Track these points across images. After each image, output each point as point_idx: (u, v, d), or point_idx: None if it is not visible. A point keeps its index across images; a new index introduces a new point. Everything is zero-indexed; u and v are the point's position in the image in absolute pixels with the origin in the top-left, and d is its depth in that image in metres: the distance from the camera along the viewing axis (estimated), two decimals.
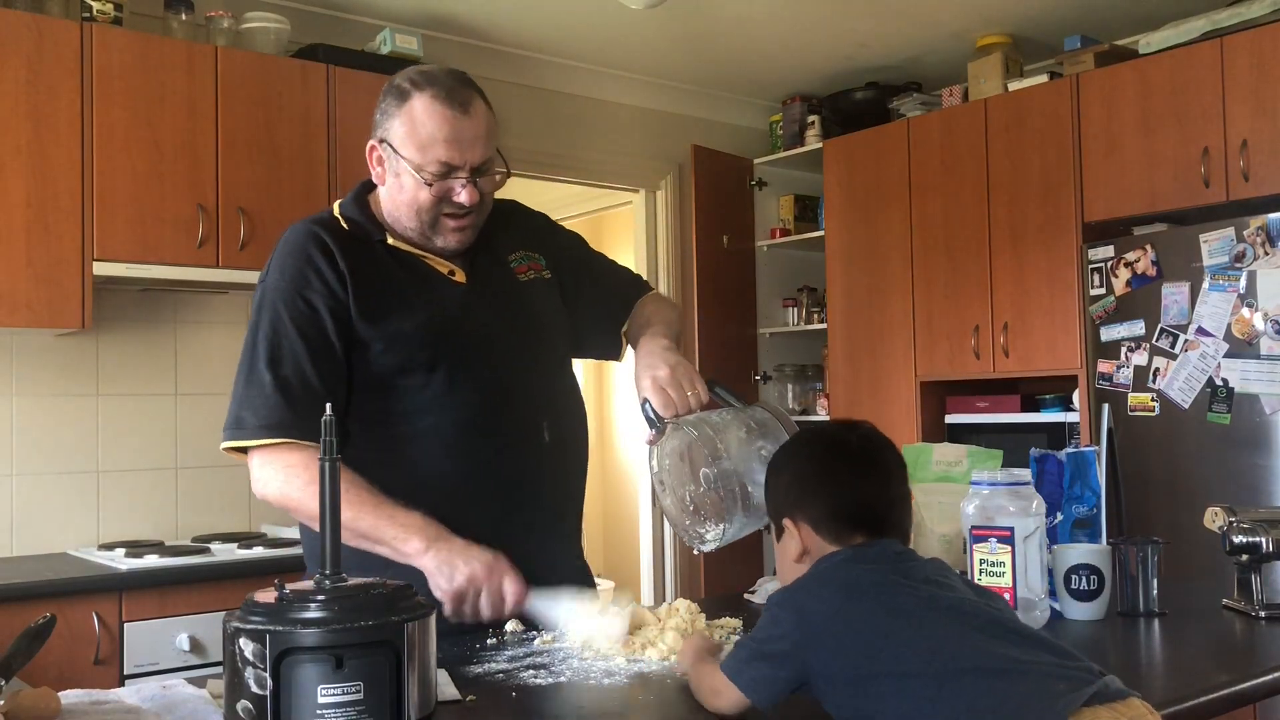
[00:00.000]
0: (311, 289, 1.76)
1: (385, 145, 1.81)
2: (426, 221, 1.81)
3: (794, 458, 1.41)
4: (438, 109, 1.76)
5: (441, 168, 1.77)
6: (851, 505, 1.32)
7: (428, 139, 1.76)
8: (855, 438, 1.37)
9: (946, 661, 1.14)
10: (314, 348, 1.74)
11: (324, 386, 1.73)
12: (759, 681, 1.22)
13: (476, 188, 1.79)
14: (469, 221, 1.83)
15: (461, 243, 1.85)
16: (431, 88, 1.77)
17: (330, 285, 1.77)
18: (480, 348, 1.83)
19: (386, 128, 1.80)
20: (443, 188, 1.78)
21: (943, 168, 4.37)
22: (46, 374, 3.40)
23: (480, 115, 1.79)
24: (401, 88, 1.79)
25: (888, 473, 1.35)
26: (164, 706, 1.36)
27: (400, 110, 1.78)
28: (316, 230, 1.82)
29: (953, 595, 1.22)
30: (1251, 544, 1.87)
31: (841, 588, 1.23)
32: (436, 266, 1.86)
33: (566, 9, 4.02)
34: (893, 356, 4.52)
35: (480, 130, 1.79)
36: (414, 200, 1.79)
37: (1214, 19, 3.68)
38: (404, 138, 1.77)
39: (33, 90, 3.07)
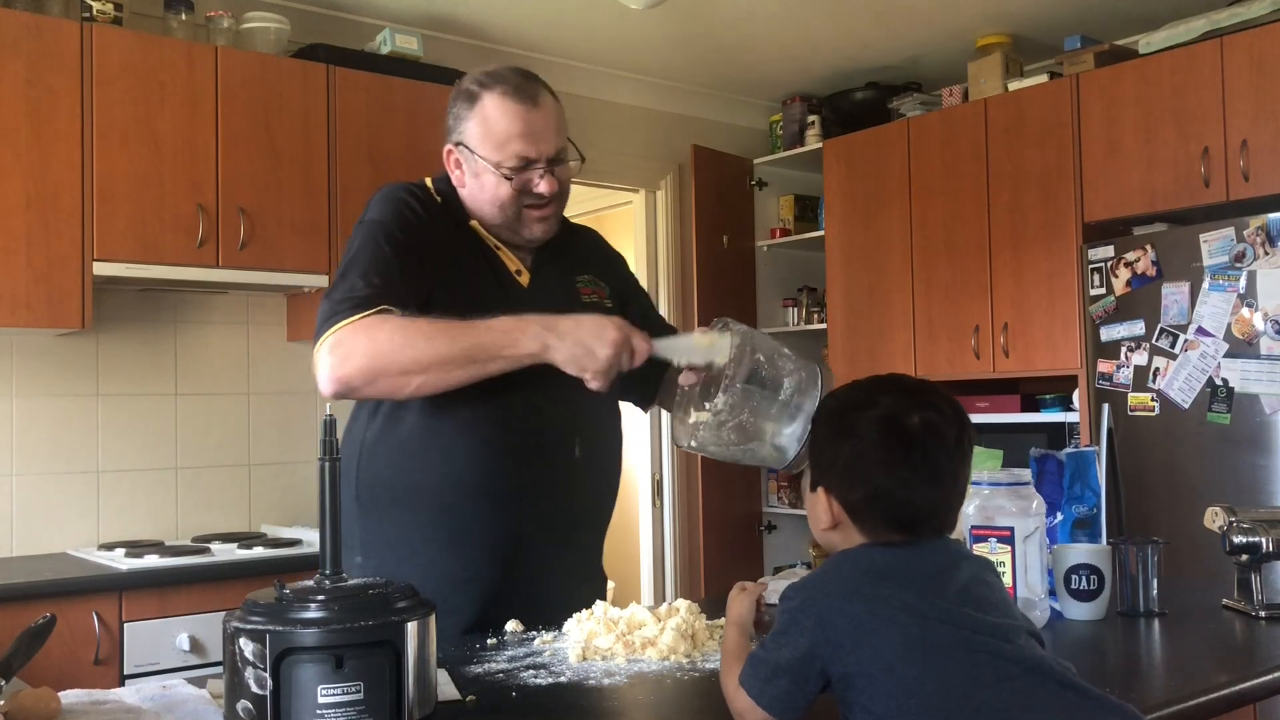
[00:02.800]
0: (408, 228, 1.81)
1: (462, 148, 1.86)
2: (510, 215, 1.86)
3: (844, 425, 1.26)
4: (509, 105, 1.82)
5: (519, 161, 1.82)
6: (891, 503, 1.23)
7: (503, 135, 1.81)
8: (917, 420, 1.23)
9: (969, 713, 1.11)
10: (405, 265, 1.76)
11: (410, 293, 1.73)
12: (783, 699, 1.18)
13: (555, 176, 1.85)
14: (551, 210, 1.88)
15: (546, 232, 1.90)
16: (500, 85, 1.83)
17: (423, 232, 1.81)
18: None
19: (461, 131, 1.86)
20: (522, 180, 1.83)
21: (943, 168, 4.37)
22: (46, 374, 3.40)
23: (549, 106, 1.86)
24: (470, 90, 1.86)
25: (944, 468, 1.23)
26: (164, 706, 1.37)
27: (472, 112, 1.84)
28: (414, 190, 1.88)
29: (988, 640, 1.15)
30: (1251, 544, 1.87)
31: (867, 600, 1.16)
32: (507, 262, 1.90)
33: (566, 9, 4.02)
34: (893, 356, 4.52)
35: (551, 121, 1.85)
36: (495, 196, 1.85)
37: (1214, 19, 3.68)
38: (480, 137, 1.83)
39: (33, 90, 3.07)
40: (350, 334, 1.66)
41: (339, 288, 1.73)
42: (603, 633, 1.63)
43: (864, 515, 1.25)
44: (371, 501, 1.85)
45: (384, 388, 1.69)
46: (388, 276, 1.73)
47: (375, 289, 1.70)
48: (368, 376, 1.67)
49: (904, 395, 1.26)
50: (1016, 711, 1.12)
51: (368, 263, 1.74)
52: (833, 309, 4.79)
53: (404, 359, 1.65)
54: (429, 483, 1.79)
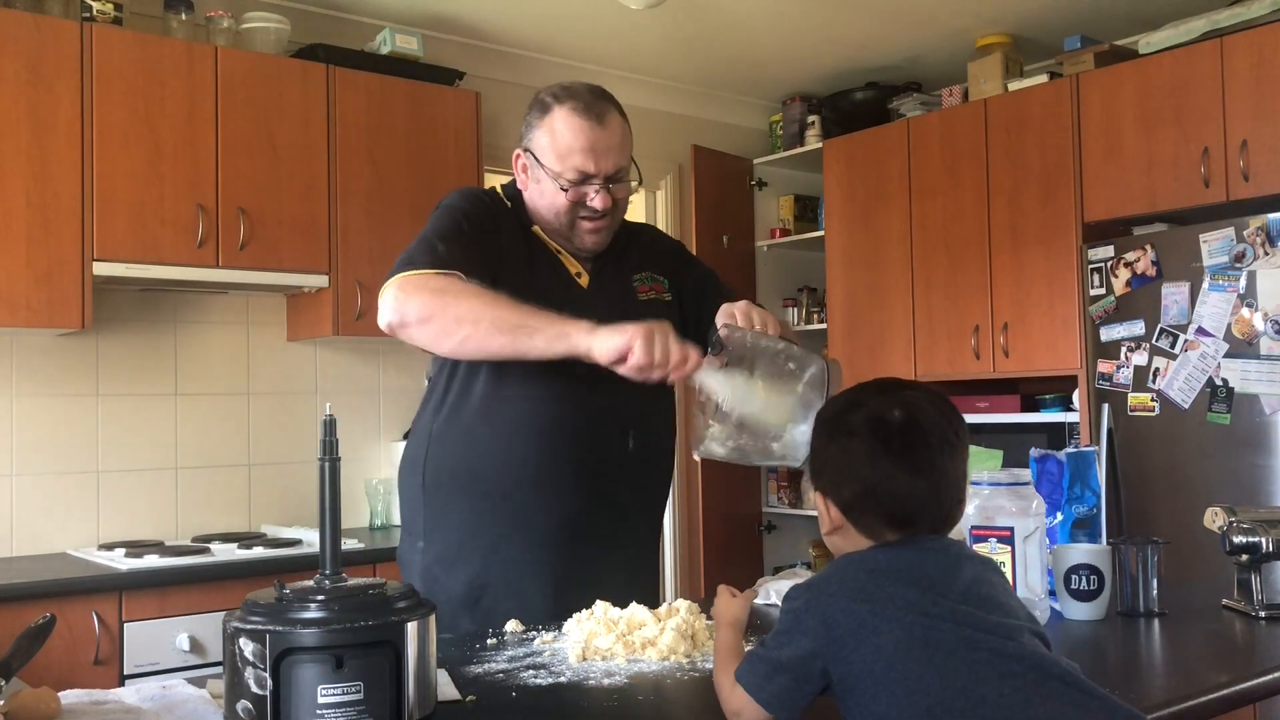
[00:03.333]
0: (481, 215, 1.94)
1: (529, 154, 1.97)
2: (565, 223, 1.96)
3: (831, 429, 1.29)
4: (576, 121, 1.92)
5: (578, 174, 1.92)
6: (882, 500, 1.23)
7: (566, 149, 1.91)
8: (899, 415, 1.24)
9: (975, 715, 1.11)
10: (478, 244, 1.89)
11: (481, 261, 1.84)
12: (780, 696, 1.18)
13: (609, 194, 1.94)
14: (603, 224, 1.97)
15: (596, 244, 1.99)
16: (571, 101, 1.93)
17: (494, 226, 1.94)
18: None
19: (530, 138, 1.97)
20: (578, 193, 1.93)
21: (943, 168, 4.37)
22: (46, 374, 3.40)
23: (615, 127, 1.96)
24: (544, 101, 1.96)
25: (930, 461, 1.23)
26: (164, 706, 1.37)
27: (542, 122, 1.95)
28: (486, 193, 2.02)
29: (990, 638, 1.15)
30: (1251, 544, 1.87)
31: (871, 599, 1.16)
32: (567, 264, 2.00)
33: (566, 9, 4.02)
34: (893, 356, 4.52)
35: (614, 141, 1.95)
36: (553, 204, 1.95)
37: (1214, 19, 3.68)
38: (545, 147, 1.94)
39: (33, 90, 3.07)
40: (420, 280, 1.80)
41: (414, 248, 1.86)
42: (603, 633, 1.63)
43: (858, 513, 1.26)
44: (437, 488, 1.96)
45: (432, 331, 1.78)
46: (463, 244, 1.86)
47: (449, 253, 1.83)
48: (423, 314, 1.77)
49: (889, 394, 1.28)
50: (1019, 708, 1.12)
51: (444, 231, 1.88)
52: (833, 309, 4.79)
53: (461, 308, 1.75)
54: (490, 471, 1.90)
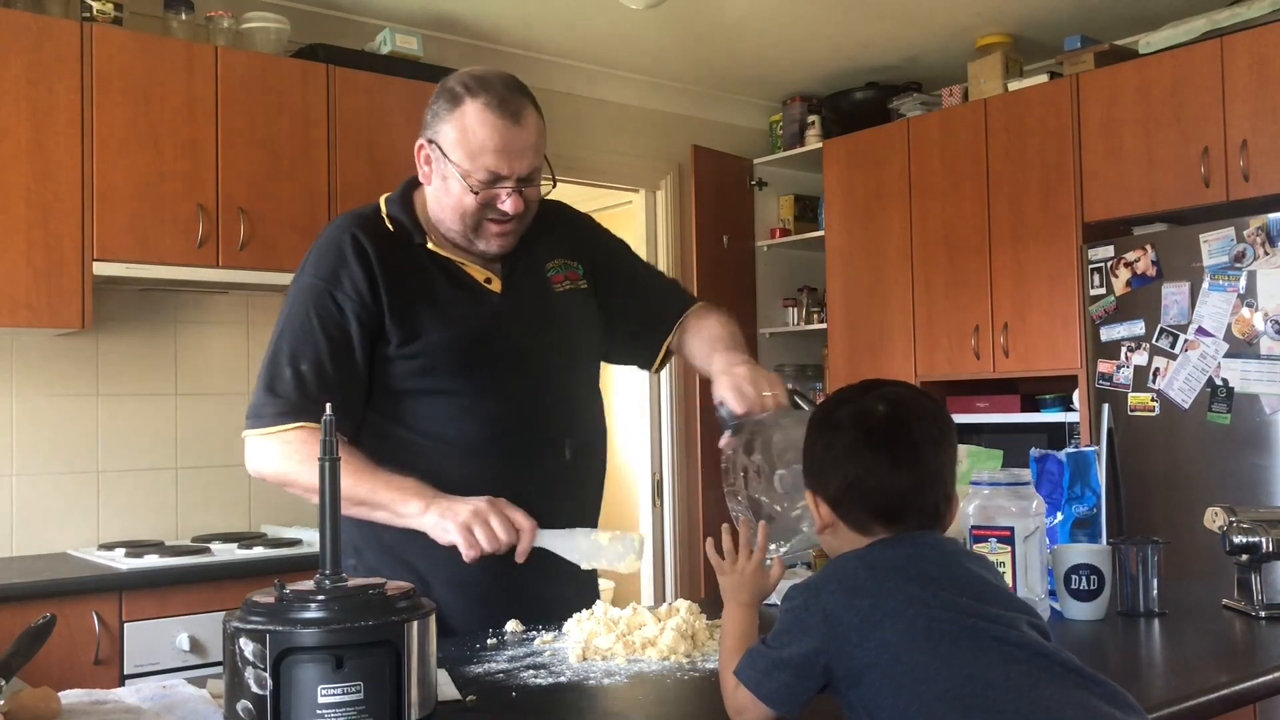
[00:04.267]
0: (342, 291, 1.79)
1: (434, 147, 1.82)
2: (470, 225, 1.83)
3: (819, 425, 1.31)
4: (489, 118, 1.77)
5: (489, 175, 1.78)
6: (867, 492, 1.24)
7: (478, 147, 1.77)
8: (883, 408, 1.26)
9: (983, 698, 1.11)
10: (335, 348, 1.78)
11: (340, 383, 1.77)
12: (782, 691, 1.18)
13: (522, 197, 1.81)
14: (512, 227, 1.84)
15: (503, 248, 1.87)
16: (485, 94, 1.78)
17: (360, 290, 1.79)
18: (509, 362, 1.85)
19: (437, 129, 1.82)
20: (488, 195, 1.80)
21: (943, 168, 4.37)
22: (46, 374, 3.40)
23: (531, 125, 1.81)
24: (455, 91, 1.80)
25: (913, 453, 1.24)
26: (164, 706, 1.37)
27: (452, 114, 1.79)
28: (355, 232, 1.84)
29: (992, 626, 1.16)
30: (1251, 544, 1.87)
31: (872, 595, 1.17)
32: (474, 274, 1.88)
33: (566, 9, 4.02)
34: (893, 356, 4.52)
35: (530, 140, 1.80)
36: (459, 204, 1.81)
37: (1214, 19, 3.68)
38: (454, 143, 1.79)
39: (33, 90, 3.07)
40: (267, 444, 1.77)
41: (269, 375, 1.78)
42: (603, 633, 1.63)
43: (845, 508, 1.26)
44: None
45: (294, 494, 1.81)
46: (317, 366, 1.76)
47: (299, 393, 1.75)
48: (279, 482, 1.80)
49: (875, 392, 1.30)
50: (1026, 690, 1.12)
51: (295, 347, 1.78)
52: (833, 309, 4.78)
53: (306, 481, 1.73)
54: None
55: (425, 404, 1.82)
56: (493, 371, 1.83)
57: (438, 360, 1.80)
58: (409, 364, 1.80)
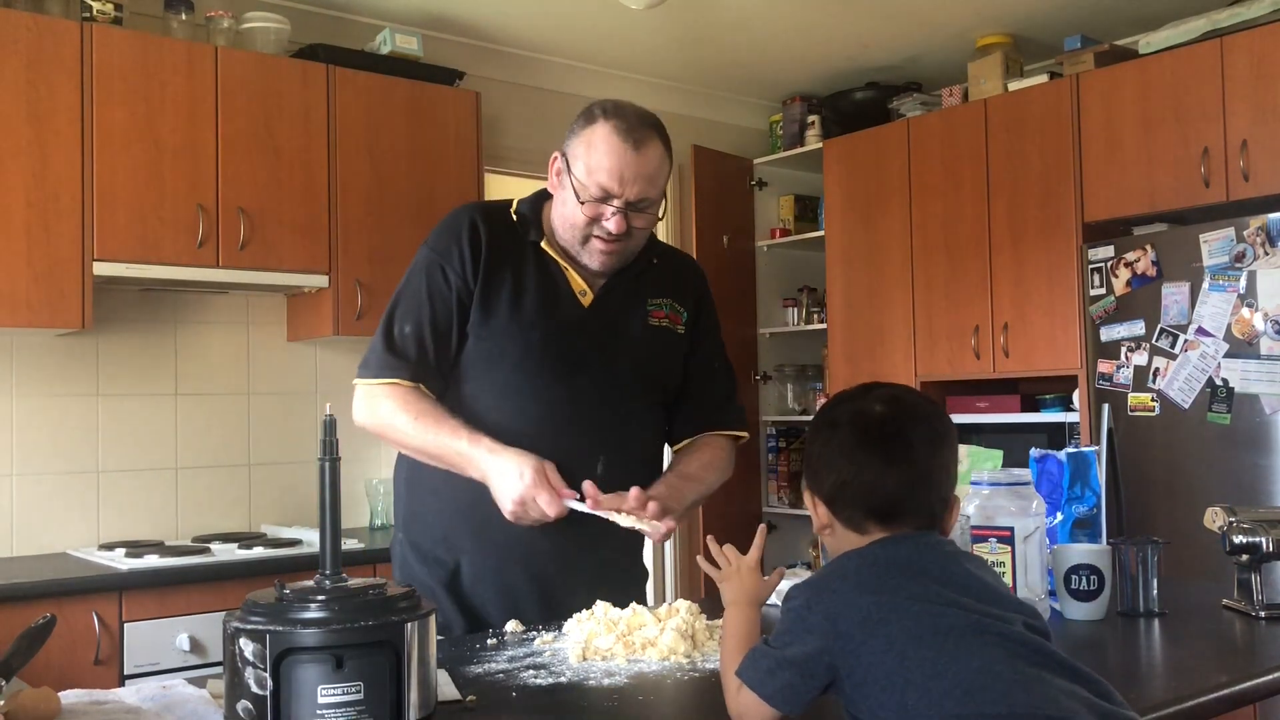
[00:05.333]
0: (450, 265, 1.95)
1: (564, 159, 1.96)
2: (578, 237, 1.94)
3: (816, 425, 1.32)
4: (614, 140, 1.89)
5: (600, 191, 1.89)
6: (860, 490, 1.24)
7: (595, 164, 1.89)
8: (879, 409, 1.27)
9: (993, 690, 1.11)
10: (436, 314, 1.94)
11: (435, 346, 1.93)
12: (786, 691, 1.18)
13: (626, 219, 1.90)
14: (616, 248, 1.94)
15: (604, 266, 1.96)
16: (615, 119, 1.91)
17: (466, 266, 1.94)
18: (567, 368, 1.93)
19: (569, 144, 1.95)
20: (595, 210, 1.90)
21: (943, 168, 4.37)
22: (46, 374, 3.40)
23: (652, 157, 1.91)
24: (592, 113, 1.95)
25: (908, 453, 1.25)
26: (164, 706, 1.37)
27: (584, 131, 1.93)
28: (475, 216, 2.00)
29: (995, 623, 1.16)
30: (1251, 544, 1.87)
31: (874, 593, 1.17)
32: (572, 282, 1.98)
33: (566, 9, 4.02)
34: (893, 356, 4.52)
35: (647, 170, 1.90)
36: (571, 214, 1.93)
37: (1214, 19, 3.68)
38: (578, 157, 1.92)
39: (33, 90, 3.07)
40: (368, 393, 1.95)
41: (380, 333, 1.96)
42: (603, 633, 1.63)
43: (840, 507, 1.27)
44: (415, 486, 2.01)
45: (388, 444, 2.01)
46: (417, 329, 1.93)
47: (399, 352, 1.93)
48: (375, 433, 1.98)
49: (871, 393, 1.31)
50: (1034, 682, 1.12)
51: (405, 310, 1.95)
52: (833, 309, 4.78)
53: (396, 435, 1.94)
54: (460, 480, 1.89)
55: (482, 386, 1.93)
56: (547, 370, 1.92)
57: (504, 347, 1.92)
58: (479, 345, 1.93)
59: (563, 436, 1.90)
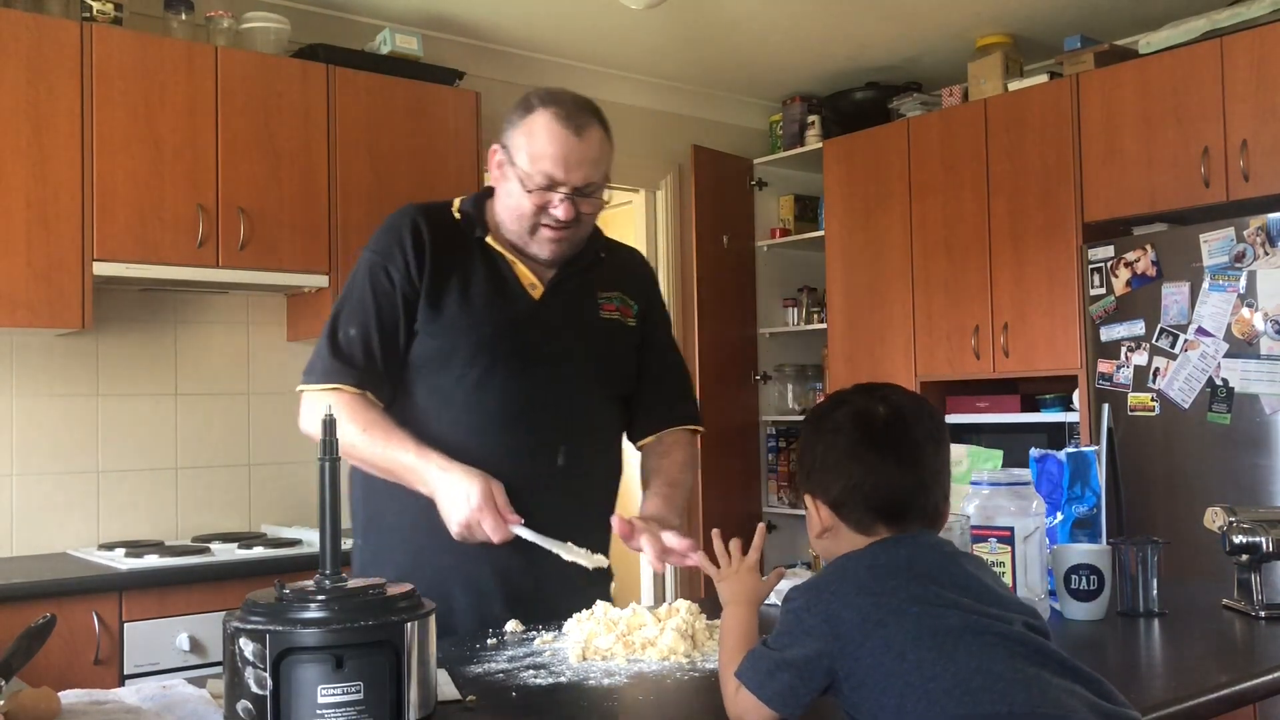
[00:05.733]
0: (394, 265, 1.92)
1: (504, 150, 1.94)
2: (526, 228, 1.92)
3: (816, 428, 1.31)
4: (555, 127, 1.89)
5: (545, 180, 1.88)
6: (870, 492, 1.25)
7: (538, 152, 1.88)
8: (883, 409, 1.27)
9: (992, 690, 1.11)
10: (381, 315, 1.91)
11: (382, 349, 1.90)
12: (785, 693, 1.18)
13: (574, 205, 1.90)
14: (565, 235, 1.93)
15: (554, 254, 1.95)
16: (554, 106, 1.91)
17: (410, 265, 1.92)
18: (520, 363, 1.92)
19: (509, 135, 1.94)
20: (542, 198, 1.89)
21: (943, 168, 4.37)
22: (46, 374, 3.40)
23: (593, 141, 1.92)
24: (529, 102, 1.94)
25: (916, 453, 1.26)
26: (164, 706, 1.37)
27: (522, 122, 1.92)
28: (417, 216, 1.97)
29: (993, 624, 1.16)
30: (1251, 544, 1.87)
31: (873, 595, 1.17)
32: (521, 275, 1.97)
33: (566, 9, 4.02)
34: (893, 356, 4.52)
35: (590, 154, 1.91)
36: (517, 206, 1.92)
37: (1214, 19, 3.68)
38: (520, 147, 1.91)
39: (33, 90, 3.07)
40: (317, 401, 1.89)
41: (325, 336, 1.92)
42: (603, 633, 1.63)
43: (848, 510, 1.26)
44: (372, 491, 1.96)
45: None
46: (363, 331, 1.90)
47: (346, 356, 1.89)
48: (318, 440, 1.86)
49: (868, 393, 1.31)
50: (1034, 681, 1.13)
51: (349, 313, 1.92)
52: (833, 309, 4.78)
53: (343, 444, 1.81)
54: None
55: (437, 383, 1.91)
56: (501, 364, 1.90)
57: (453, 340, 1.90)
58: (430, 342, 1.90)
59: (521, 429, 1.90)
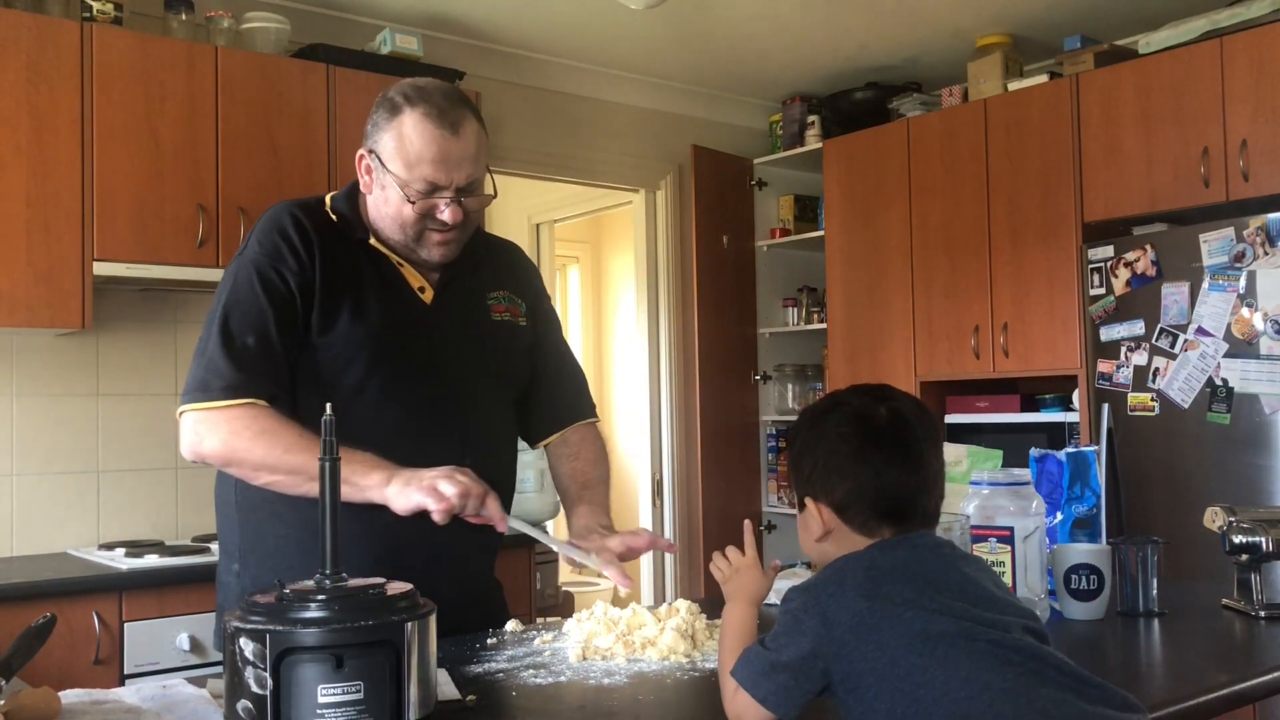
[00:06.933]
0: (285, 265, 1.78)
1: (374, 156, 1.82)
2: (410, 235, 1.82)
3: (817, 431, 1.31)
4: (427, 128, 1.76)
5: (427, 186, 1.77)
6: (876, 494, 1.25)
7: (415, 157, 1.76)
8: (885, 411, 1.28)
9: (980, 701, 1.11)
10: (280, 316, 1.76)
11: (285, 354, 1.75)
12: (780, 693, 1.18)
13: (461, 207, 1.80)
14: (453, 236, 1.83)
15: (444, 256, 1.85)
16: (423, 105, 1.77)
17: (303, 264, 1.78)
18: (420, 370, 1.83)
19: (376, 139, 1.81)
20: (426, 205, 1.78)
21: (943, 168, 4.37)
22: (46, 374, 3.40)
23: (470, 135, 1.79)
24: (394, 101, 1.80)
25: (919, 454, 1.27)
26: (164, 706, 1.37)
27: (390, 124, 1.79)
28: (298, 213, 1.84)
29: (988, 631, 1.16)
30: (1251, 544, 1.87)
31: (869, 598, 1.17)
32: (409, 279, 1.86)
33: (566, 9, 4.02)
34: (893, 356, 4.52)
35: (469, 151, 1.79)
36: (398, 214, 1.80)
37: (1214, 19, 3.68)
38: (392, 153, 1.78)
39: (33, 90, 3.07)
40: (213, 417, 1.72)
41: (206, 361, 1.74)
42: (603, 633, 1.63)
43: (852, 512, 1.27)
44: (250, 511, 1.86)
45: (237, 474, 1.78)
46: (262, 338, 1.73)
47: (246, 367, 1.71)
48: (223, 459, 1.76)
49: (866, 394, 1.32)
50: (1023, 690, 1.13)
51: (241, 319, 1.75)
52: (833, 309, 4.78)
53: (256, 455, 1.70)
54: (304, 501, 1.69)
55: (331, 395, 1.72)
56: (401, 377, 1.81)
57: (352, 354, 1.78)
58: (324, 353, 1.78)
59: (425, 439, 1.80)
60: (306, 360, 1.78)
